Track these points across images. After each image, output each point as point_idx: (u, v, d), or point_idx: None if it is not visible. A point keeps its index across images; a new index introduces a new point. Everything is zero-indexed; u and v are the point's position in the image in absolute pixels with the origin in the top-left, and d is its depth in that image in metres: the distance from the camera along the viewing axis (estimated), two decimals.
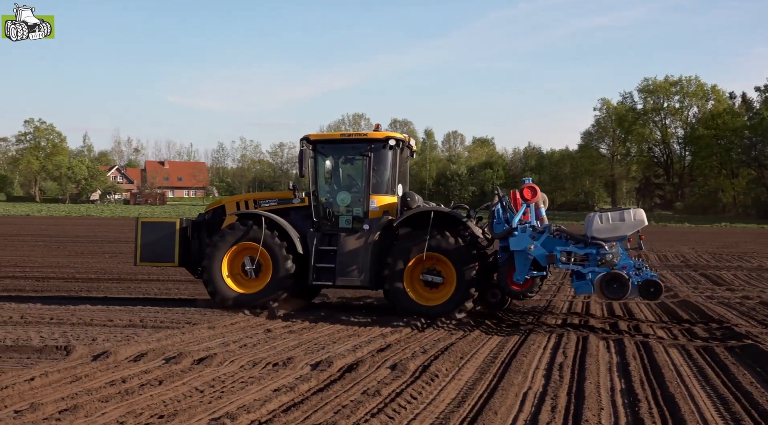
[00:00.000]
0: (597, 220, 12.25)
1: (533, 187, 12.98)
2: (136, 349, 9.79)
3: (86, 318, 12.58)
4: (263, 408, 7.07)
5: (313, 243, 13.94)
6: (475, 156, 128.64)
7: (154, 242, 14.81)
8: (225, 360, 9.29)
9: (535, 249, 12.44)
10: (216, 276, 14.07)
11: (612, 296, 12.02)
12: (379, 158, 14.05)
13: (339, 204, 14.23)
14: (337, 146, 14.56)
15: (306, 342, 10.78)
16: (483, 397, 7.82)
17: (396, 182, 14.24)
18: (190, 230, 14.92)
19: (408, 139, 14.71)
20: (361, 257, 13.68)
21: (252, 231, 14.01)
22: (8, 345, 10.04)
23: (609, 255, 12.09)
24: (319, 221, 14.18)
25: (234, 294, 14.05)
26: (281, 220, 14.07)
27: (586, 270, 12.20)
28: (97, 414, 6.84)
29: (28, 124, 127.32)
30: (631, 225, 12.17)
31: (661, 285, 12.00)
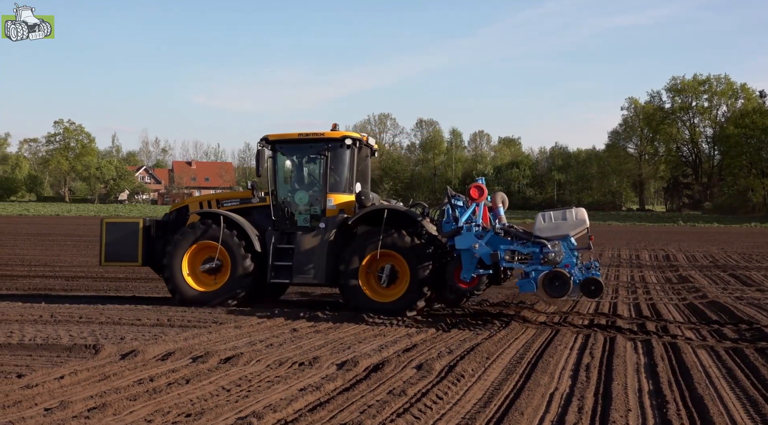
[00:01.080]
0: (540, 219, 12.39)
1: (480, 186, 13.11)
2: (164, 348, 9.86)
3: (115, 317, 12.70)
4: (289, 408, 7.10)
5: (271, 242, 14.15)
6: (501, 156, 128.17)
7: (118, 242, 15.04)
8: (251, 359, 9.33)
9: (479, 247, 12.59)
10: (176, 274, 14.34)
11: (554, 294, 12.04)
12: (337, 157, 14.33)
13: (297, 203, 14.52)
14: (295, 146, 14.74)
15: (332, 342, 10.80)
16: (509, 398, 7.79)
17: (354, 181, 14.53)
18: (154, 230, 15.13)
19: (366, 139, 14.95)
20: (318, 255, 13.94)
21: (211, 230, 14.28)
22: (38, 344, 10.17)
23: (552, 254, 12.18)
24: (277, 220, 14.48)
25: (193, 292, 14.34)
26: (240, 219, 14.37)
27: (530, 269, 12.31)
28: (126, 412, 6.91)
29: (57, 124, 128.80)
30: (572, 224, 12.29)
31: (601, 283, 12.04)
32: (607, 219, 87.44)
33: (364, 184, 15.11)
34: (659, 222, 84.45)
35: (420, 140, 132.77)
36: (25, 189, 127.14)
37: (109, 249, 15.11)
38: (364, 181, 15.16)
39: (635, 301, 16.06)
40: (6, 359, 9.28)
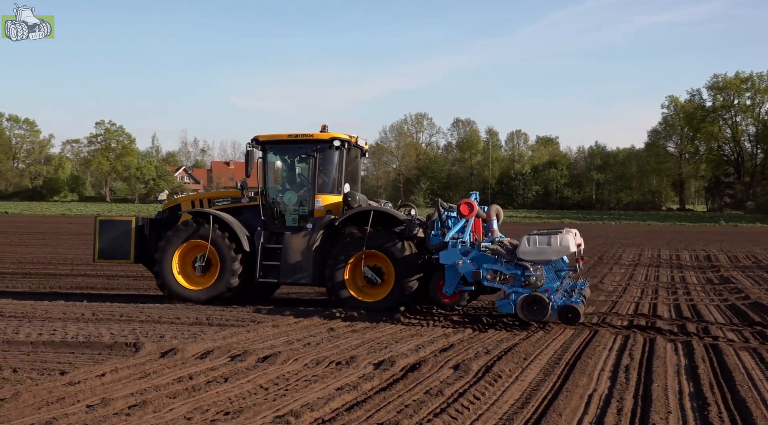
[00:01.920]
0: (525, 243, 12.32)
1: (470, 203, 13.16)
2: (203, 347, 9.96)
3: (154, 315, 12.85)
4: (327, 407, 7.13)
5: (260, 242, 14.36)
6: (538, 155, 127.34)
7: (111, 240, 15.28)
8: (289, 358, 9.38)
9: (463, 264, 12.65)
10: (166, 272, 14.57)
11: (531, 317, 11.97)
12: (325, 158, 14.52)
13: (286, 203, 14.75)
14: (284, 147, 14.90)
15: (369, 342, 10.82)
16: (547, 399, 7.74)
17: (342, 182, 14.69)
18: (147, 228, 15.35)
19: (355, 140, 15.04)
20: (305, 255, 14.13)
21: (202, 229, 14.49)
22: (80, 342, 10.33)
23: (533, 278, 12.17)
24: (267, 219, 14.66)
25: (183, 289, 14.56)
26: (230, 219, 14.55)
27: (510, 290, 12.30)
28: (165, 409, 6.99)
29: (99, 125, 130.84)
30: (556, 250, 12.20)
31: (579, 312, 11.90)
32: (647, 219, 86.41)
33: (353, 185, 15.25)
34: (700, 222, 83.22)
35: (457, 140, 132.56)
36: (67, 189, 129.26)
37: (102, 247, 15.35)
38: (353, 182, 15.31)
39: (675, 302, 15.85)
40: (49, 356, 9.45)
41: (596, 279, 20.61)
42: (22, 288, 17.64)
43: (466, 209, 13.09)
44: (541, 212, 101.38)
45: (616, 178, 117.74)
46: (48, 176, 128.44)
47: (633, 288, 18.53)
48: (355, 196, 14.36)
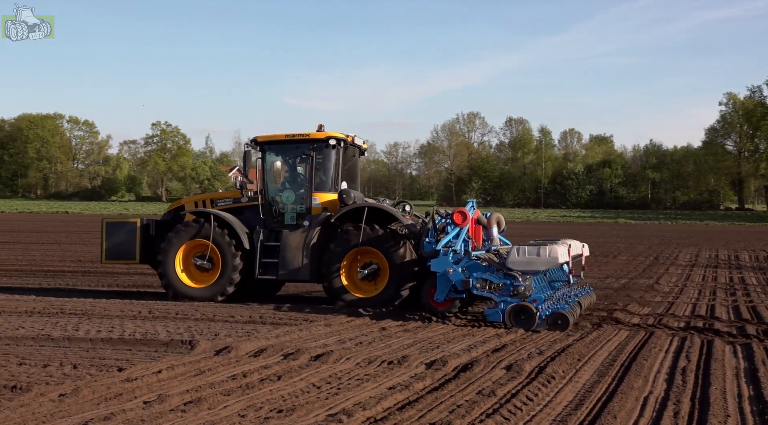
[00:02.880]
0: (514, 253, 12.40)
1: (464, 212, 13.32)
2: (256, 345, 10.06)
3: (209, 313, 13.02)
4: (378, 406, 7.14)
5: (259, 240, 14.66)
6: (592, 154, 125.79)
7: (117, 241, 15.65)
8: (341, 357, 9.43)
9: (453, 273, 12.72)
10: (169, 271, 14.92)
11: (519, 326, 11.99)
12: (322, 157, 14.85)
13: (284, 201, 15.06)
14: (282, 146, 15.27)
15: (420, 341, 10.81)
16: (601, 400, 7.64)
17: (339, 180, 14.96)
18: (153, 229, 15.70)
19: (352, 139, 15.33)
20: (302, 252, 14.41)
21: (203, 229, 14.84)
22: (137, 339, 10.52)
23: (521, 288, 12.24)
24: (266, 218, 14.98)
25: (185, 287, 14.89)
26: (230, 218, 14.91)
27: (499, 299, 12.37)
28: (220, 407, 7.07)
29: (155, 126, 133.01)
30: (545, 261, 12.25)
31: (568, 318, 11.96)
32: (704, 219, 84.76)
33: (352, 183, 15.48)
34: (760, 221, 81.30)
35: (509, 139, 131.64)
36: (124, 189, 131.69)
37: (109, 248, 15.73)
38: (352, 180, 15.55)
39: (734, 304, 15.52)
40: (107, 353, 9.65)
41: (652, 280, 20.30)
42: (81, 286, 18.06)
43: (459, 218, 13.27)
44: (595, 212, 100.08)
45: (672, 177, 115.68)
46: (106, 176, 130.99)
47: (690, 289, 18.19)
48: (350, 193, 14.57)
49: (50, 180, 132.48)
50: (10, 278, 19.68)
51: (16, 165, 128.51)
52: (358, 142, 15.65)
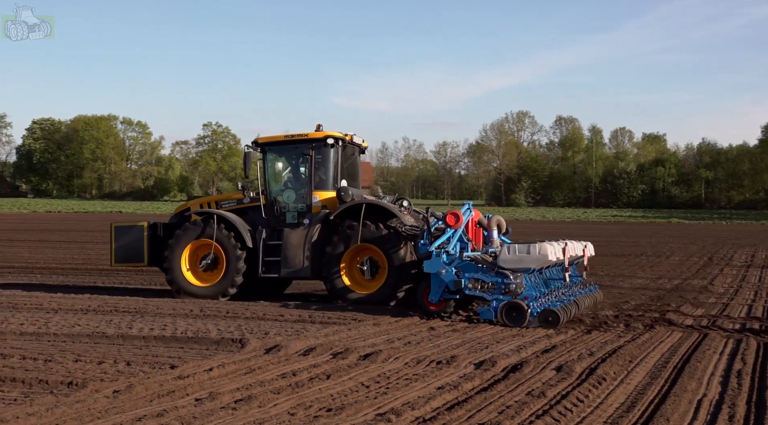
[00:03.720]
0: (505, 251, 12.61)
1: (456, 213, 13.40)
2: (306, 344, 10.12)
3: (259, 312, 13.14)
4: (427, 406, 7.13)
5: (261, 239, 14.95)
6: (644, 153, 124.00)
7: (125, 244, 16.07)
8: (390, 356, 9.44)
9: (446, 273, 12.80)
10: (175, 270, 15.28)
11: (511, 324, 12.14)
12: (321, 156, 15.08)
13: (286, 201, 15.31)
14: (282, 147, 15.54)
15: (469, 341, 10.77)
16: (654, 403, 7.52)
17: (339, 178, 15.16)
18: (162, 231, 16.02)
19: (350, 138, 15.51)
20: (303, 250, 14.66)
21: (207, 229, 15.16)
22: (189, 337, 10.67)
23: (513, 285, 12.39)
24: (268, 218, 15.24)
25: (191, 286, 15.23)
26: (234, 218, 15.20)
27: (491, 298, 12.52)
28: (270, 405, 7.14)
29: (206, 127, 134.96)
30: (535, 259, 12.44)
31: (558, 315, 12.07)
32: (760, 219, 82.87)
33: (352, 181, 15.65)
34: None
35: (559, 138, 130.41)
36: (176, 189, 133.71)
37: (118, 252, 16.17)
38: (352, 178, 15.74)
39: None
40: (160, 350, 9.80)
41: (706, 281, 19.93)
42: (135, 285, 18.39)
43: (452, 219, 13.36)
44: (647, 211, 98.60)
45: (727, 176, 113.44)
46: (159, 176, 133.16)
47: (745, 291, 17.82)
48: (348, 190, 14.75)
49: (104, 180, 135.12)
50: (66, 276, 20.13)
51: (72, 165, 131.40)
52: (357, 140, 15.85)
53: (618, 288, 18.16)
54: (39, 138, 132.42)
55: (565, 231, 51.88)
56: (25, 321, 11.98)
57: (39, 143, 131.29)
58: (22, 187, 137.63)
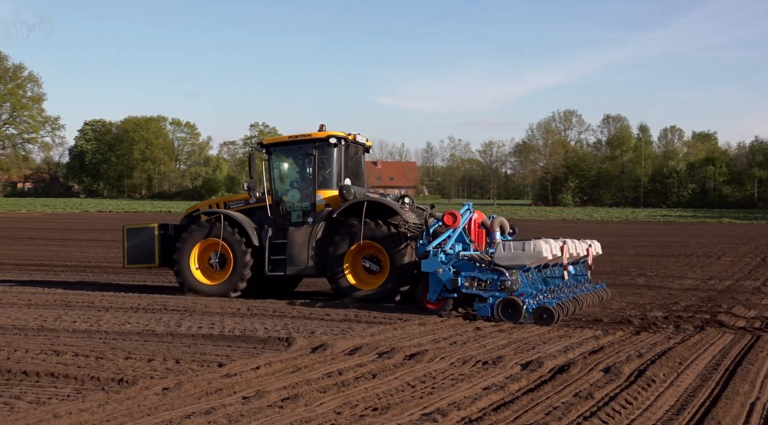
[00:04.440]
0: (500, 248, 12.85)
1: (454, 213, 13.61)
2: (352, 343, 10.16)
3: (305, 312, 13.23)
4: (473, 406, 7.11)
5: (267, 237, 15.23)
6: (694, 151, 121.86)
7: (137, 246, 16.41)
8: (436, 356, 9.42)
9: (443, 272, 13.03)
10: (185, 269, 15.61)
11: (508, 320, 12.34)
12: (324, 156, 15.35)
13: (291, 200, 15.59)
14: (286, 147, 15.96)
15: (516, 342, 10.70)
16: (704, 405, 7.39)
17: (342, 176, 15.44)
18: (174, 233, 16.35)
19: (353, 137, 15.75)
20: (307, 248, 14.95)
21: (214, 229, 15.51)
22: (237, 335, 10.78)
23: (508, 282, 12.56)
24: (274, 217, 15.50)
25: (200, 285, 15.55)
26: (240, 217, 15.52)
27: (487, 295, 12.67)
28: (316, 403, 7.17)
29: (253, 127, 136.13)
30: (530, 256, 12.67)
31: (552, 312, 12.24)
32: None
33: (356, 180, 15.93)
34: None
35: (607, 137, 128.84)
36: (224, 189, 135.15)
37: (130, 253, 16.51)
38: (356, 177, 16.05)
39: None
40: (208, 348, 9.92)
41: (759, 282, 19.54)
42: None
43: (450, 219, 13.56)
44: (698, 211, 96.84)
45: None
46: (207, 177, 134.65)
47: None
48: (350, 188, 14.94)
49: (154, 180, 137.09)
50: (117, 275, 20.49)
51: (123, 166, 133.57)
52: (361, 139, 16.09)
53: (667, 288, 17.89)
54: (91, 139, 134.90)
55: (612, 231, 51.27)
56: (77, 319, 12.23)
57: (90, 144, 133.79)
58: (75, 187, 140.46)
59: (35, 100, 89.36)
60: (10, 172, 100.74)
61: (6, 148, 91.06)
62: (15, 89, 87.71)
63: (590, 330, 11.85)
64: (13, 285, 17.42)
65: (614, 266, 23.91)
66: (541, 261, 13.06)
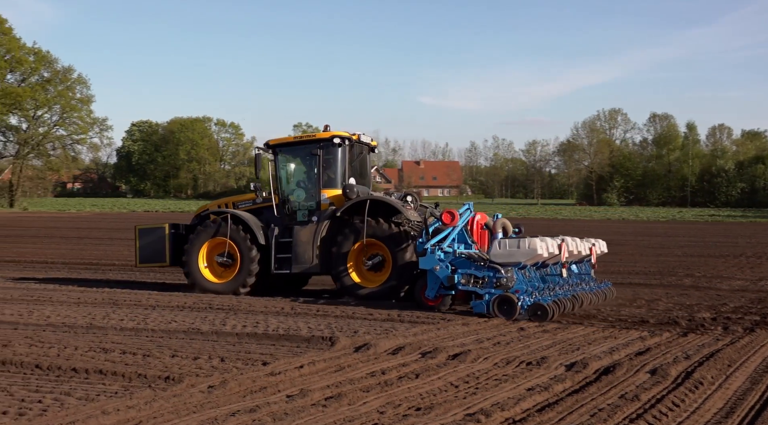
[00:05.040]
0: (496, 246, 13.10)
1: (452, 212, 13.81)
2: (395, 343, 10.16)
3: (348, 311, 13.26)
4: (517, 407, 7.07)
5: (273, 236, 15.49)
6: (744, 150, 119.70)
7: (148, 245, 16.71)
8: (479, 356, 9.38)
9: (440, 270, 13.18)
10: (193, 268, 15.95)
11: (503, 316, 12.54)
12: (328, 155, 15.60)
13: (296, 199, 15.88)
14: (292, 148, 16.22)
15: (560, 342, 10.61)
16: (755, 409, 7.26)
17: (346, 176, 15.64)
18: (184, 232, 16.64)
19: (357, 137, 16.00)
20: (312, 246, 15.16)
21: (222, 228, 15.79)
22: (281, 334, 10.85)
23: (504, 279, 12.79)
24: (281, 216, 15.81)
25: (208, 283, 15.87)
26: (247, 217, 15.81)
27: (483, 292, 12.88)
28: (359, 403, 7.19)
29: (296, 128, 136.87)
30: (525, 253, 12.85)
31: (547, 309, 12.44)
32: None
33: (361, 179, 16.18)
34: None
35: (653, 135, 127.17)
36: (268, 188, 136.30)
37: (142, 253, 16.82)
38: (362, 176, 16.31)
39: None
40: (253, 347, 10.00)
41: None
42: None
43: (447, 218, 13.76)
44: (747, 211, 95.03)
45: None
46: (251, 177, 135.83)
47: None
48: (353, 187, 15.19)
49: (199, 180, 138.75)
50: (163, 274, 20.77)
51: (169, 166, 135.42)
52: (365, 139, 16.35)
53: (716, 289, 17.59)
54: (137, 140, 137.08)
55: (658, 231, 50.56)
56: (124, 317, 12.43)
57: (137, 145, 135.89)
58: (122, 187, 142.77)
59: (84, 102, 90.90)
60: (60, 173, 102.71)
61: (56, 148, 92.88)
62: (65, 91, 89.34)
63: (636, 331, 11.70)
64: (63, 283, 17.76)
65: (661, 266, 23.59)
66: (536, 259, 13.17)
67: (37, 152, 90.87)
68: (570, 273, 14.23)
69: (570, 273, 14.23)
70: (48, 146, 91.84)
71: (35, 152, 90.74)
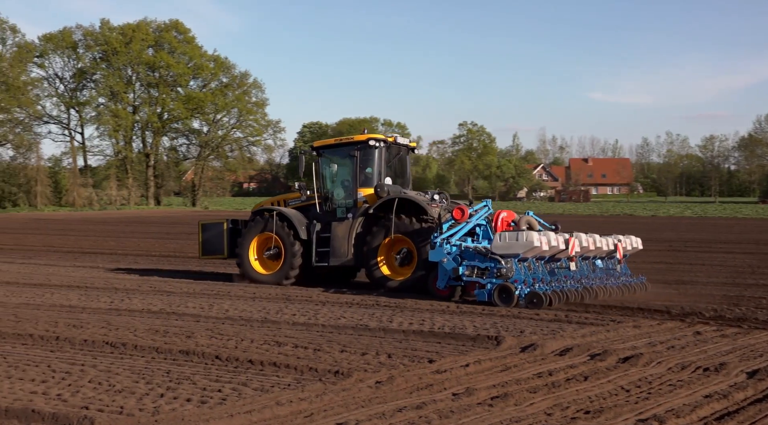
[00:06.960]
0: (497, 239, 13.91)
1: (462, 208, 14.76)
2: (562, 344, 9.97)
3: (514, 311, 13.11)
4: (693, 414, 6.75)
5: (314, 231, 16.78)
6: None
7: (210, 239, 18.46)
8: (651, 360, 9.04)
9: (447, 262, 14.17)
10: (245, 260, 17.39)
11: (502, 304, 13.38)
12: (365, 157, 16.80)
13: (336, 197, 17.15)
14: (333, 149, 17.50)
15: (740, 348, 10.03)
16: None
17: (382, 176, 16.83)
18: (241, 227, 17.99)
19: (393, 139, 17.13)
20: (348, 241, 16.37)
21: (269, 224, 17.14)
22: (446, 332, 10.91)
23: (504, 269, 13.61)
24: (322, 213, 17.05)
25: (257, 274, 17.26)
26: (291, 213, 17.12)
27: (485, 281, 13.77)
28: (526, 403, 7.11)
29: (462, 126, 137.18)
30: (522, 245, 13.58)
31: (542, 297, 13.23)
32: None
33: (399, 179, 17.53)
34: None
35: None
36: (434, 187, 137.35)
37: (204, 246, 18.64)
38: (400, 176, 17.68)
39: None
40: (419, 345, 10.11)
41: None
42: None
43: (458, 214, 14.72)
44: None
45: None
46: (417, 176, 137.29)
47: None
48: (383, 186, 16.37)
49: None
50: None
51: None
52: (402, 141, 17.49)
53: None
54: (308, 140, 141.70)
55: None
56: (296, 312, 12.90)
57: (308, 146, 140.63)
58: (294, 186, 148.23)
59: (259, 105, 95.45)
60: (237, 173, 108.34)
61: (234, 150, 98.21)
62: (241, 95, 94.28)
63: None
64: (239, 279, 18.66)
65: None
66: (536, 252, 13.81)
67: (217, 154, 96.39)
68: (592, 266, 15.22)
69: (592, 266, 15.22)
70: (226, 148, 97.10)
71: (215, 154, 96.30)
